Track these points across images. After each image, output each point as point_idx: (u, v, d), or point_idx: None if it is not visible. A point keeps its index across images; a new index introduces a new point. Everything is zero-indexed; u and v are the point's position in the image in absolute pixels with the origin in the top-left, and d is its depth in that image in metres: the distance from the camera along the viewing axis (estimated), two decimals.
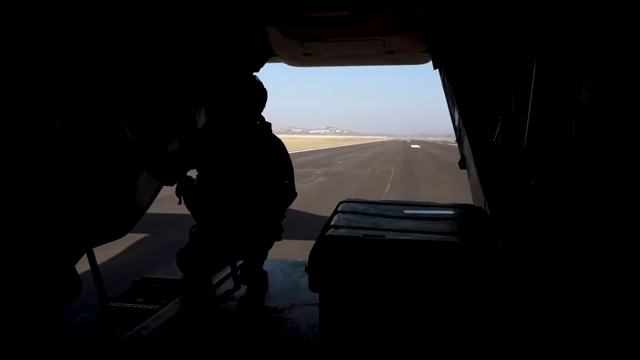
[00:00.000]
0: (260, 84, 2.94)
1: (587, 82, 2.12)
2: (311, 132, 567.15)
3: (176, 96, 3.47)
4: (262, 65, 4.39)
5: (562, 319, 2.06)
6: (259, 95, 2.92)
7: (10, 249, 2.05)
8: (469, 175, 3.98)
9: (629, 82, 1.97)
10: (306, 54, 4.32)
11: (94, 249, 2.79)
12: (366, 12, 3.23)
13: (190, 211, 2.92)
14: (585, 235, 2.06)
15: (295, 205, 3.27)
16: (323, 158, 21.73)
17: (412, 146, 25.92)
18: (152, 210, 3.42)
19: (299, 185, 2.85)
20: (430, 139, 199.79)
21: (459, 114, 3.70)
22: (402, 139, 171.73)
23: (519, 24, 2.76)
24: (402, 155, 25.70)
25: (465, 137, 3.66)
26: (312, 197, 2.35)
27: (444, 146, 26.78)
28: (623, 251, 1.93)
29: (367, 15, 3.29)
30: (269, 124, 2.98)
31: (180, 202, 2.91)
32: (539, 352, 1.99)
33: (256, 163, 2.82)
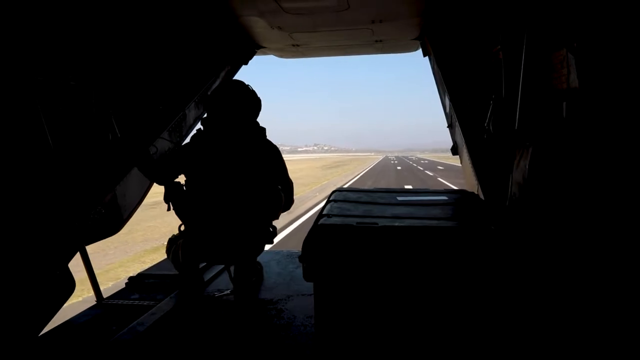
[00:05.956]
0: (254, 92, 2.92)
1: (576, 63, 2.12)
2: (299, 149, 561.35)
3: (164, 91, 3.44)
4: (250, 58, 4.37)
5: (556, 299, 2.07)
6: (253, 104, 2.91)
7: (3, 248, 2.03)
8: (461, 161, 3.98)
9: (618, 63, 1.97)
10: (295, 45, 4.30)
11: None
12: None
13: (179, 217, 2.89)
14: (578, 217, 2.07)
15: None
16: None
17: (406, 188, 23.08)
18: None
19: None
20: (417, 155, 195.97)
21: (450, 100, 3.70)
22: (390, 156, 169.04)
23: (508, 8, 2.75)
24: None
25: (457, 123, 3.65)
26: None
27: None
28: (615, 232, 1.94)
29: (355, 3, 3.26)
30: (264, 129, 2.96)
31: (169, 209, 2.88)
32: (533, 332, 2.00)
33: (248, 168, 2.80)
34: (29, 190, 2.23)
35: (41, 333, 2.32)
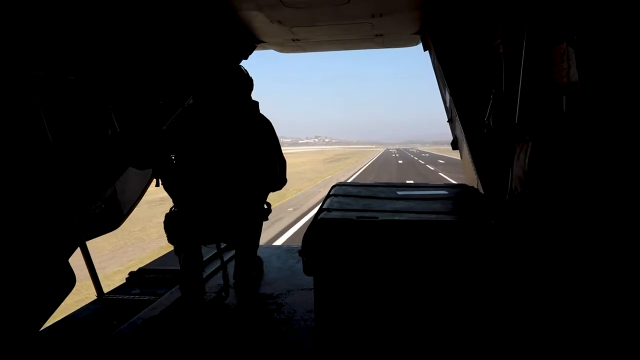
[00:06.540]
0: (246, 73, 2.90)
1: (577, 57, 2.11)
2: (300, 142, 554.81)
3: (164, 86, 3.43)
4: (250, 53, 4.35)
5: (555, 292, 2.07)
6: (246, 83, 2.88)
7: (4, 244, 2.03)
8: (461, 156, 3.98)
9: (618, 57, 1.96)
10: (295, 39, 4.28)
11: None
12: None
13: (168, 194, 2.80)
14: (578, 211, 2.07)
15: None
16: None
17: None
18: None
19: None
20: (418, 147, 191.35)
21: (450, 94, 3.69)
22: (391, 148, 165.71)
23: (508, 2, 2.74)
24: None
25: (457, 118, 3.65)
26: None
27: None
28: (614, 227, 1.94)
29: None
30: (256, 103, 2.92)
31: (157, 185, 2.80)
32: (532, 324, 2.01)
33: (241, 140, 2.76)
34: (28, 186, 2.23)
35: (42, 328, 2.33)
